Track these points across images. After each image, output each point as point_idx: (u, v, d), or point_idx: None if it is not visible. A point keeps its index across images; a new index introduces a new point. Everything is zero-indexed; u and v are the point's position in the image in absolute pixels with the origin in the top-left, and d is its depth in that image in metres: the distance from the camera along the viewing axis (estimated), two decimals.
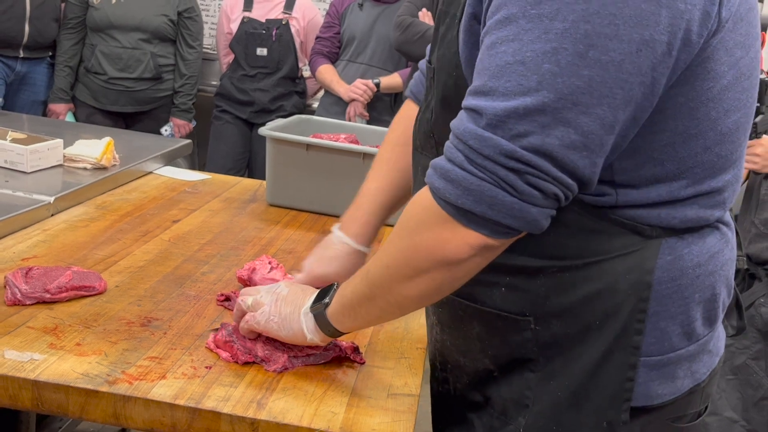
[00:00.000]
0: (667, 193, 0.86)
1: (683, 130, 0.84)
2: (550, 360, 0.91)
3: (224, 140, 3.47)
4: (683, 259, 0.89)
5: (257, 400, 0.96)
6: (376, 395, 1.01)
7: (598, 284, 0.87)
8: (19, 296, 1.13)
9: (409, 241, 0.85)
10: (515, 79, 0.76)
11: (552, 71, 0.75)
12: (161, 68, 3.29)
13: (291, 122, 2.02)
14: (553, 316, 0.90)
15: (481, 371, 0.98)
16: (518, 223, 0.79)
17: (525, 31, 0.76)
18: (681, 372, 0.92)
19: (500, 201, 0.77)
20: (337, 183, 1.79)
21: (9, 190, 1.59)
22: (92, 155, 1.82)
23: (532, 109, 0.75)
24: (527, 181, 0.77)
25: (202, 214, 1.71)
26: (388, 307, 0.90)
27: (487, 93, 0.78)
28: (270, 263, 1.33)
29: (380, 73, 3.18)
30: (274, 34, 3.35)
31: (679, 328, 0.90)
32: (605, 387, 0.89)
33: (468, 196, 0.78)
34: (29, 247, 1.37)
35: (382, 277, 0.89)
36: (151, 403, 0.93)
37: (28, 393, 0.94)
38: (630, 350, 0.88)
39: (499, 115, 0.76)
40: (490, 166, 0.77)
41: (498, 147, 0.76)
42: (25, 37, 3.12)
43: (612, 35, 0.74)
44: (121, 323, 1.12)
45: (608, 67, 0.75)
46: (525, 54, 0.76)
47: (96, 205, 1.66)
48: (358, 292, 0.92)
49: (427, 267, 0.83)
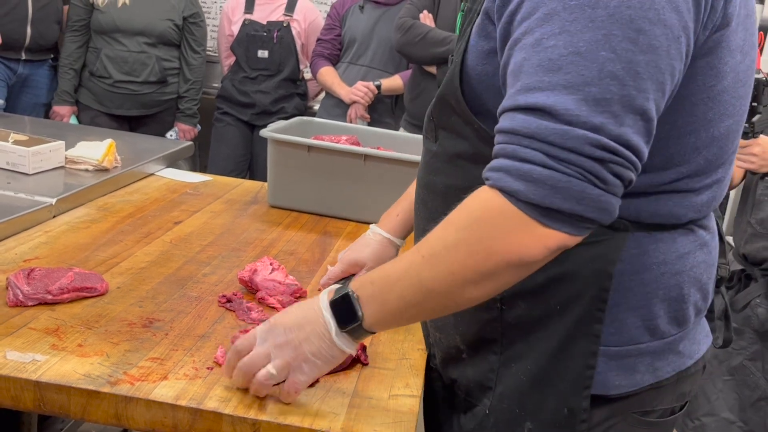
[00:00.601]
0: (644, 185, 0.87)
1: (680, 126, 0.85)
2: (513, 342, 0.93)
3: (225, 142, 3.47)
4: (649, 255, 0.90)
5: (258, 400, 0.96)
6: (378, 396, 1.01)
7: (563, 269, 0.88)
8: (21, 297, 1.13)
9: (479, 246, 0.80)
10: (575, 70, 0.75)
11: (610, 58, 0.75)
12: (166, 72, 3.30)
13: (292, 124, 2.02)
14: (519, 297, 0.91)
15: (452, 349, 1.01)
16: (601, 215, 0.78)
17: (570, 22, 0.76)
18: (641, 366, 0.93)
19: (588, 195, 0.76)
20: (338, 184, 1.80)
21: (11, 191, 1.59)
22: (94, 157, 1.82)
23: (601, 99, 0.75)
24: (611, 170, 0.76)
25: (204, 216, 1.71)
26: (441, 309, 0.87)
27: (545, 88, 0.76)
28: (271, 264, 1.33)
29: (381, 75, 3.19)
30: (275, 36, 3.36)
31: (639, 321, 0.91)
32: (567, 372, 0.91)
33: (556, 194, 0.76)
34: (31, 248, 1.37)
35: (444, 285, 0.83)
36: (152, 403, 0.93)
37: (30, 394, 0.94)
38: (591, 338, 0.90)
39: (571, 109, 0.75)
40: (575, 159, 0.75)
41: (583, 137, 0.75)
42: (27, 39, 3.12)
43: (656, 20, 0.75)
44: (123, 324, 1.12)
45: (659, 52, 0.76)
46: (578, 45, 0.75)
47: (98, 207, 1.66)
48: (407, 299, 0.85)
49: (499, 270, 0.81)
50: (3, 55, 3.08)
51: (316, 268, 1.48)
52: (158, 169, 2.05)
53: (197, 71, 3.39)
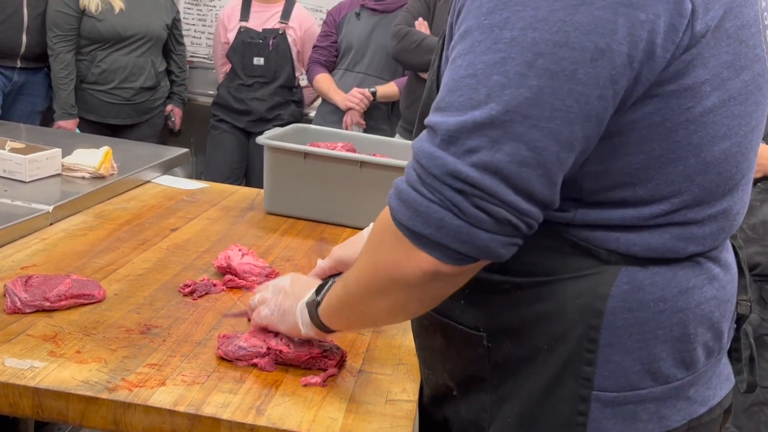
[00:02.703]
0: (631, 218, 0.81)
1: (660, 154, 0.78)
2: (503, 381, 0.88)
3: (221, 149, 3.48)
4: (644, 291, 0.82)
5: (256, 406, 0.96)
6: (375, 401, 1.02)
7: (548, 305, 0.83)
8: (18, 304, 1.13)
9: (371, 258, 0.84)
10: (467, 93, 0.73)
11: (500, 82, 0.71)
12: (159, 76, 3.32)
13: (288, 131, 2.03)
14: (504, 334, 0.87)
15: (442, 386, 0.97)
16: (467, 248, 0.74)
17: (478, 42, 0.73)
18: (644, 415, 0.84)
19: (447, 224, 0.73)
20: (334, 191, 1.80)
21: (8, 199, 1.60)
22: (90, 164, 1.82)
23: (481, 123, 0.71)
24: (474, 203, 0.72)
25: (200, 223, 1.72)
26: (362, 316, 0.91)
27: (443, 109, 0.75)
28: (240, 250, 1.42)
29: (377, 82, 3.20)
30: (270, 43, 3.37)
31: (637, 364, 0.83)
32: (555, 416, 0.84)
33: (417, 217, 0.75)
34: (28, 255, 1.38)
35: (354, 289, 0.89)
36: (151, 409, 0.93)
37: (29, 400, 0.94)
38: (581, 381, 0.83)
39: (451, 131, 0.73)
40: (437, 186, 0.73)
41: (444, 166, 0.73)
42: (22, 47, 3.12)
43: (562, 43, 0.70)
44: (121, 331, 1.12)
45: (559, 77, 0.70)
46: (476, 66, 0.73)
47: (94, 214, 1.67)
48: (339, 297, 0.93)
49: (387, 287, 0.82)
50: None
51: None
52: (154, 176, 2.06)
53: (184, 58, 3.55)
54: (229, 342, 1.08)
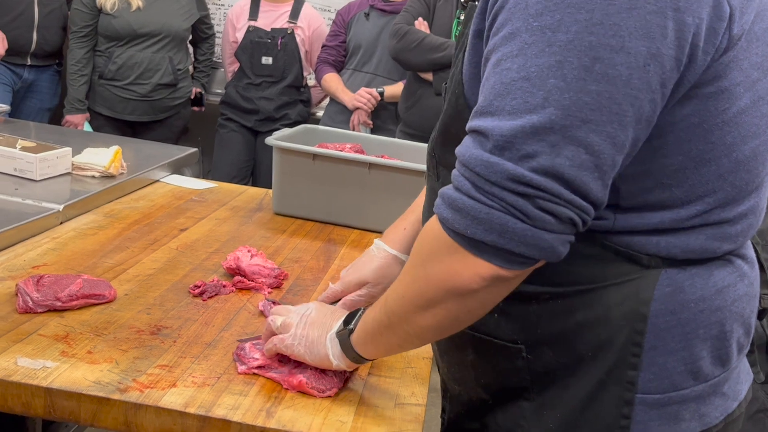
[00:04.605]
0: (670, 221, 0.82)
1: (696, 155, 0.80)
2: (545, 389, 0.88)
3: (229, 148, 3.49)
4: (685, 292, 0.84)
5: (266, 408, 0.97)
6: (384, 405, 1.03)
7: (591, 313, 0.84)
8: (30, 304, 1.14)
9: (421, 271, 0.82)
10: (521, 96, 0.72)
11: (558, 86, 0.71)
12: (178, 74, 3.31)
13: (297, 132, 2.04)
14: (545, 345, 0.87)
15: (476, 401, 0.97)
16: (532, 251, 0.74)
17: (528, 45, 0.72)
18: (687, 414, 0.86)
19: (511, 229, 0.73)
20: (343, 192, 1.81)
21: (19, 198, 1.61)
22: (100, 163, 1.83)
23: (540, 128, 0.72)
24: (538, 205, 0.73)
25: (209, 223, 1.72)
26: (406, 336, 0.88)
27: (493, 113, 0.74)
28: (249, 251, 1.42)
29: (385, 82, 3.20)
30: (279, 43, 3.38)
31: (681, 365, 0.85)
32: (599, 422, 0.85)
33: (477, 225, 0.74)
34: (39, 254, 1.39)
35: (398, 307, 0.86)
36: (162, 411, 0.94)
37: (41, 400, 0.95)
38: (625, 385, 0.84)
39: (506, 136, 0.73)
40: (498, 193, 0.73)
41: (505, 172, 0.72)
42: (33, 45, 3.14)
43: (618, 47, 0.71)
44: (131, 331, 1.13)
45: (616, 81, 0.71)
46: (529, 69, 0.72)
47: (104, 213, 1.68)
48: (377, 320, 0.90)
49: (441, 298, 0.80)
50: (9, 61, 3.09)
51: (321, 276, 1.49)
52: (163, 175, 2.06)
53: (211, 44, 3.61)
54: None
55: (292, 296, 1.37)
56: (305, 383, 1.00)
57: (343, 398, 1.02)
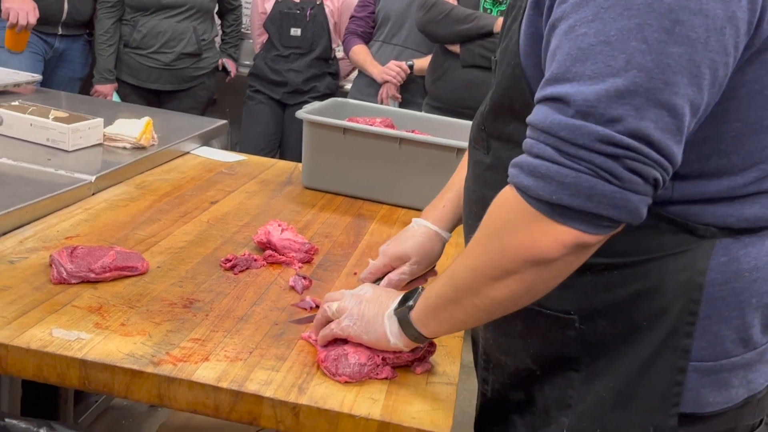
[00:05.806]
0: (727, 189, 0.83)
1: (754, 121, 0.80)
2: (596, 359, 0.89)
3: (257, 120, 3.48)
4: (739, 261, 0.85)
5: (298, 384, 0.97)
6: (416, 383, 1.02)
7: (647, 283, 0.85)
8: (64, 275, 1.15)
9: (495, 241, 0.81)
10: (602, 60, 0.72)
11: (640, 49, 0.71)
12: (202, 44, 3.31)
13: (327, 105, 2.02)
14: (599, 315, 0.87)
15: (522, 371, 0.97)
16: (619, 213, 0.74)
17: (605, 9, 0.72)
18: (736, 380, 0.88)
19: (600, 191, 0.73)
20: (373, 167, 1.80)
21: (52, 168, 1.61)
22: (132, 135, 1.83)
23: (624, 91, 0.71)
24: (627, 166, 0.72)
25: (239, 196, 1.72)
26: (474, 310, 0.86)
27: (572, 78, 0.74)
28: (280, 225, 1.42)
29: (414, 54, 3.17)
30: (308, 14, 3.35)
31: (733, 333, 0.87)
32: (653, 389, 0.87)
33: (564, 190, 0.74)
34: (72, 225, 1.39)
35: (468, 280, 0.85)
36: (195, 384, 0.95)
37: (76, 372, 0.96)
38: (679, 353, 0.86)
39: (590, 101, 0.72)
40: (585, 155, 0.72)
41: (593, 134, 0.72)
42: (64, 14, 3.14)
43: (696, 10, 0.71)
44: (164, 304, 1.13)
45: (696, 44, 0.71)
46: (609, 33, 0.72)
47: (135, 185, 1.68)
48: (442, 295, 0.89)
49: (517, 268, 0.79)
50: (40, 30, 3.09)
51: (351, 251, 1.48)
52: (193, 147, 2.06)
53: (237, 18, 3.60)
54: (339, 363, 0.99)
55: (323, 271, 1.37)
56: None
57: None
